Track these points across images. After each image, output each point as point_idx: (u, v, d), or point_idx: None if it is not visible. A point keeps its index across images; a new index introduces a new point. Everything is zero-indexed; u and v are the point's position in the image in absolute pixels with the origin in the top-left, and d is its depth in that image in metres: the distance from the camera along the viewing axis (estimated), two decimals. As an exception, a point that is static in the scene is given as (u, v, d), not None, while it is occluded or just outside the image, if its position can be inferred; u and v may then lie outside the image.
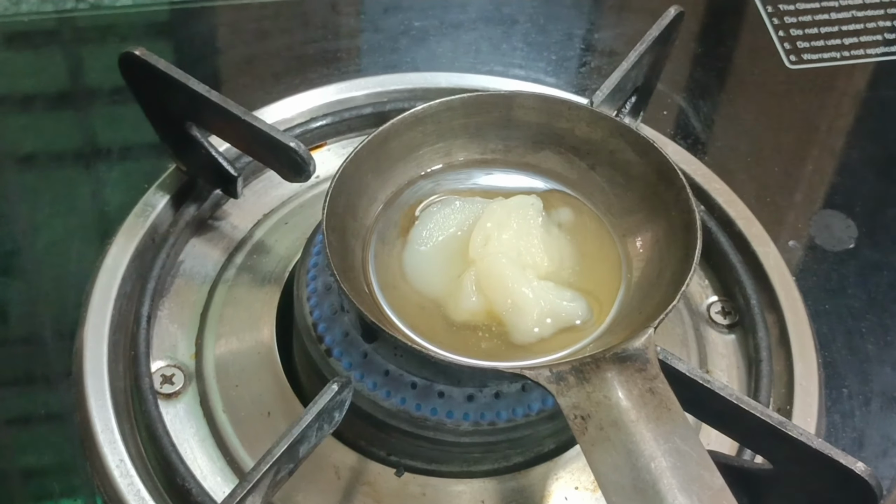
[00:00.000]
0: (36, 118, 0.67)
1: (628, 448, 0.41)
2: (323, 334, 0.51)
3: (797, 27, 0.73)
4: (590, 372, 0.44)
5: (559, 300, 0.49)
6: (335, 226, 0.49)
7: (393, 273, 0.50)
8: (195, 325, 0.57)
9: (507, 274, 0.49)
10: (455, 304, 0.49)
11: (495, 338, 0.49)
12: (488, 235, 0.50)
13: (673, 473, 0.41)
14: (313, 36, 0.70)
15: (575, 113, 0.54)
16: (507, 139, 0.54)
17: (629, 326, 0.48)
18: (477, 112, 0.54)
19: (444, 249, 0.50)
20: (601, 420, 0.42)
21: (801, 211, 0.64)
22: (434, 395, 0.49)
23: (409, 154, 0.53)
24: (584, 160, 0.54)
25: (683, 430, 0.42)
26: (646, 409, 0.43)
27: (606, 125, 0.53)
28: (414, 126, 0.53)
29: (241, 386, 0.54)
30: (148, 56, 0.55)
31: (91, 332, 0.55)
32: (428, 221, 0.51)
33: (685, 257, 0.48)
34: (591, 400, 0.43)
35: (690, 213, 0.50)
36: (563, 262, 0.51)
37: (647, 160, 0.52)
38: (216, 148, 0.58)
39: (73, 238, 0.60)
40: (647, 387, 0.43)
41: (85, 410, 0.52)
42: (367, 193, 0.52)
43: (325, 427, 0.48)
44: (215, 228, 0.60)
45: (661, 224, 0.51)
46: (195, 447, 0.53)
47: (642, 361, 0.44)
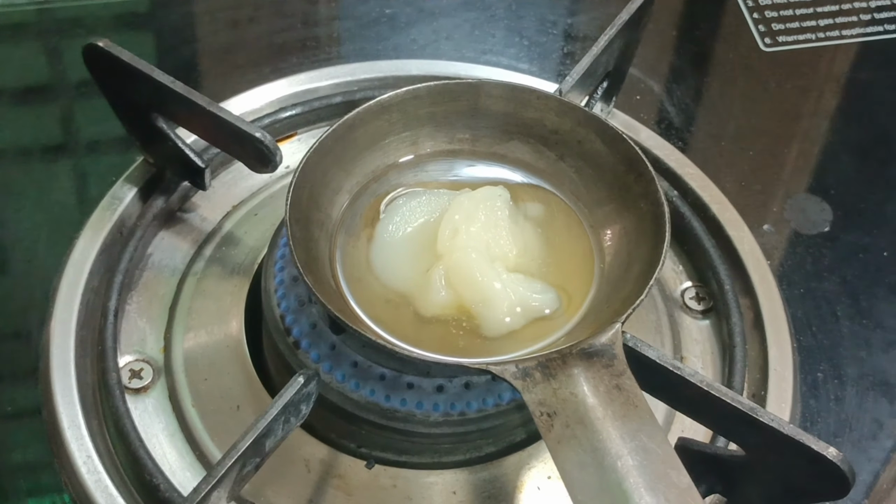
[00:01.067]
0: (3, 111, 0.66)
1: (594, 446, 0.41)
2: (291, 326, 0.50)
3: (772, 9, 0.72)
4: (556, 368, 0.43)
5: (529, 292, 0.49)
6: (299, 218, 0.48)
7: (360, 266, 0.50)
8: (164, 319, 0.56)
9: (476, 267, 0.48)
10: (424, 299, 0.48)
11: (466, 331, 0.48)
12: (456, 228, 0.49)
13: (639, 472, 0.40)
14: (288, 24, 0.69)
15: (543, 102, 0.53)
16: (474, 128, 0.54)
17: (598, 320, 0.48)
18: (444, 101, 0.53)
19: (411, 242, 0.50)
20: (567, 417, 0.42)
21: (777, 195, 0.64)
22: (403, 386, 0.49)
23: (374, 144, 0.52)
24: (552, 150, 0.53)
25: (650, 427, 0.42)
26: (612, 406, 0.42)
27: (575, 115, 0.53)
28: (379, 115, 0.52)
29: (209, 380, 0.54)
30: (111, 48, 0.54)
31: (58, 327, 0.54)
32: (394, 214, 0.51)
33: (654, 250, 0.48)
34: (557, 397, 0.42)
35: (659, 206, 0.49)
36: (533, 254, 0.51)
37: (616, 150, 0.52)
38: (183, 140, 0.57)
39: (41, 232, 0.59)
40: (613, 383, 0.43)
41: (52, 406, 0.52)
42: (332, 185, 0.51)
43: (291, 420, 0.48)
44: (184, 221, 0.60)
45: (631, 215, 0.51)
46: (164, 442, 0.52)
47: (609, 357, 0.44)
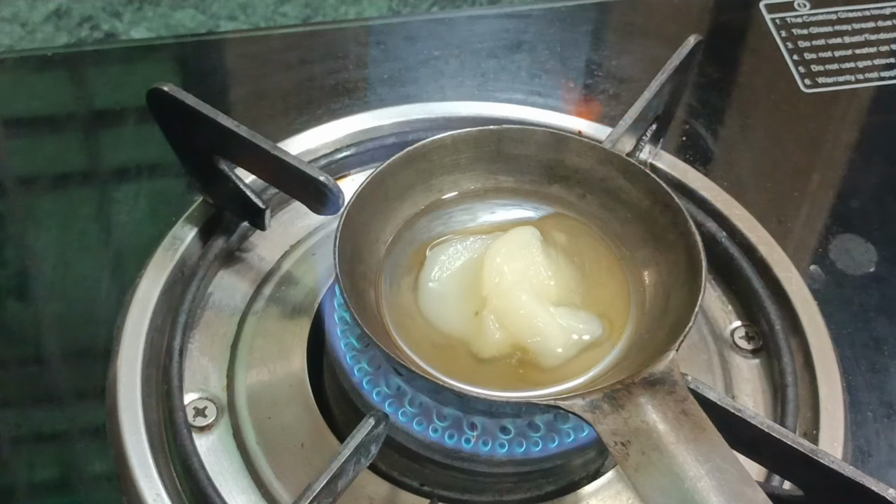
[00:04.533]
0: (57, 149, 0.67)
1: (672, 471, 0.43)
2: (354, 366, 0.51)
3: (811, 51, 0.74)
4: (623, 398, 0.45)
5: (576, 322, 0.50)
6: (347, 270, 0.49)
7: (407, 314, 0.51)
8: (226, 357, 0.57)
9: (526, 306, 0.50)
10: (479, 342, 0.50)
11: (521, 367, 0.50)
12: (498, 271, 0.51)
13: (718, 492, 0.42)
14: (339, 66, 0.70)
15: (563, 143, 0.55)
16: (496, 172, 0.55)
17: (646, 349, 0.49)
18: (467, 148, 0.55)
19: (455, 288, 0.51)
20: (642, 445, 0.43)
21: (821, 235, 0.65)
22: (467, 426, 0.50)
23: (403, 194, 0.54)
24: (575, 189, 0.55)
25: (721, 448, 0.44)
26: (682, 430, 0.44)
27: (595, 154, 0.54)
28: (408, 165, 0.54)
29: (273, 418, 0.54)
30: (176, 92, 0.56)
31: (124, 365, 0.55)
32: (435, 261, 0.52)
33: (693, 278, 0.49)
34: (628, 426, 0.44)
35: (690, 235, 0.50)
36: (571, 287, 0.52)
37: (640, 185, 0.53)
38: (243, 181, 0.58)
39: (103, 271, 0.60)
40: (679, 409, 0.45)
41: (120, 445, 0.53)
42: (371, 235, 0.53)
43: (362, 461, 0.49)
44: (243, 260, 0.61)
45: (663, 247, 0.52)
46: (229, 480, 0.53)
47: (671, 384, 0.45)
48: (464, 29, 0.75)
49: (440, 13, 0.92)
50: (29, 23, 0.92)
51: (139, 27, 0.92)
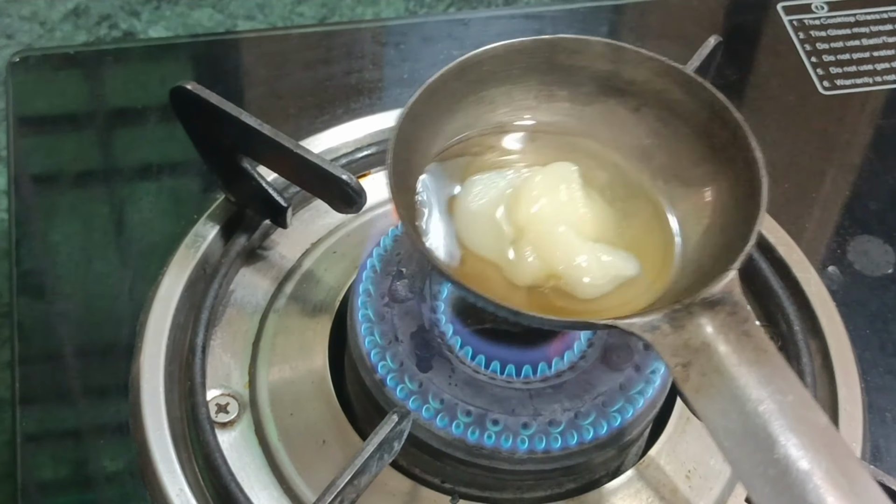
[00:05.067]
0: (78, 147, 0.68)
1: (734, 393, 0.42)
2: (378, 363, 0.52)
3: (829, 53, 0.74)
4: (683, 319, 0.44)
5: (613, 257, 0.49)
6: (401, 185, 0.48)
7: (445, 239, 0.50)
8: (247, 354, 0.58)
9: (562, 236, 0.49)
10: (516, 270, 0.49)
11: (560, 296, 0.49)
12: (535, 202, 0.50)
13: (780, 415, 0.41)
14: (360, 65, 0.71)
15: (618, 54, 0.53)
16: (549, 84, 0.53)
17: (705, 270, 0.47)
18: (520, 58, 0.53)
19: (492, 215, 0.50)
20: (703, 366, 0.42)
21: (839, 237, 0.65)
22: (489, 423, 0.50)
23: (455, 105, 0.52)
24: (629, 101, 0.53)
25: (783, 371, 0.43)
26: (744, 352, 0.43)
27: (652, 65, 0.52)
28: (459, 76, 0.51)
29: (295, 414, 0.55)
30: (199, 90, 0.56)
31: (147, 362, 0.55)
32: (472, 190, 0.51)
33: (752, 195, 0.48)
34: (689, 347, 0.43)
35: (749, 151, 0.49)
36: (607, 225, 0.51)
37: (698, 98, 0.51)
38: (265, 179, 0.59)
39: (126, 269, 0.60)
40: (741, 330, 0.43)
41: (143, 441, 0.53)
42: (421, 150, 0.51)
43: (385, 457, 0.49)
44: (264, 258, 0.61)
45: (721, 164, 0.50)
46: (251, 476, 0.54)
47: (732, 305, 0.44)
48: (481, 29, 0.75)
49: (457, 14, 0.92)
50: (48, 21, 0.92)
51: (157, 26, 0.93)
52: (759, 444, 0.41)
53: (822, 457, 0.40)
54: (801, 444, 0.40)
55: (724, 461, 0.42)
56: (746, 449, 0.41)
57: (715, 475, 0.55)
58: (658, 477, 0.54)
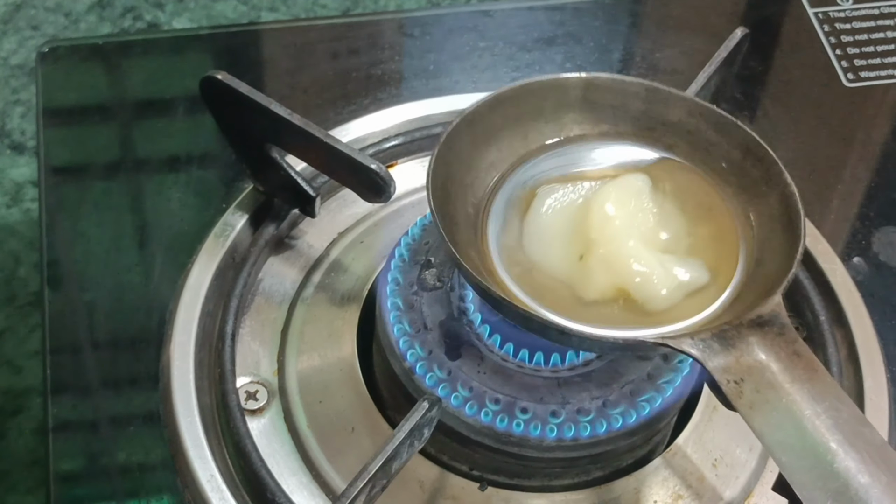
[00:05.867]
0: (105, 137, 0.68)
1: (789, 408, 0.43)
2: (407, 351, 0.52)
3: (854, 45, 0.74)
4: (732, 338, 0.45)
5: (683, 269, 0.50)
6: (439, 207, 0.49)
7: (512, 255, 0.51)
8: (276, 343, 0.58)
9: (633, 251, 0.50)
10: (585, 285, 0.49)
11: (625, 311, 0.49)
12: (606, 215, 0.50)
13: (836, 430, 0.42)
14: (386, 56, 0.71)
15: (651, 94, 0.54)
16: (581, 122, 0.55)
17: (749, 295, 0.49)
18: (554, 94, 0.54)
19: (561, 230, 0.51)
20: (756, 383, 0.44)
21: (864, 228, 0.65)
22: (518, 410, 0.51)
23: (490, 138, 0.53)
24: (661, 141, 0.54)
25: (835, 389, 0.44)
26: (796, 370, 0.44)
27: (684, 106, 0.54)
28: (493, 109, 0.53)
29: (324, 402, 0.55)
30: (229, 80, 0.56)
31: (177, 349, 0.56)
32: (541, 204, 0.52)
33: (790, 226, 0.49)
34: (740, 364, 0.44)
35: (786, 186, 0.50)
36: (679, 235, 0.52)
37: (730, 138, 0.53)
38: (294, 168, 0.59)
39: (156, 257, 0.61)
40: (790, 350, 0.45)
41: (174, 427, 0.54)
42: (458, 177, 0.52)
43: (415, 443, 0.50)
44: (292, 247, 0.62)
45: (755, 200, 0.52)
46: (280, 462, 0.54)
47: (779, 326, 0.45)
48: (504, 21, 0.75)
49: (480, 5, 0.92)
50: (72, 13, 0.93)
51: (181, 17, 0.93)
52: (819, 458, 0.42)
53: (882, 471, 0.41)
54: (860, 458, 0.41)
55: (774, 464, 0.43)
56: (805, 463, 0.42)
57: (741, 464, 0.55)
58: (685, 465, 0.54)
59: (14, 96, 0.88)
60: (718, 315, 0.48)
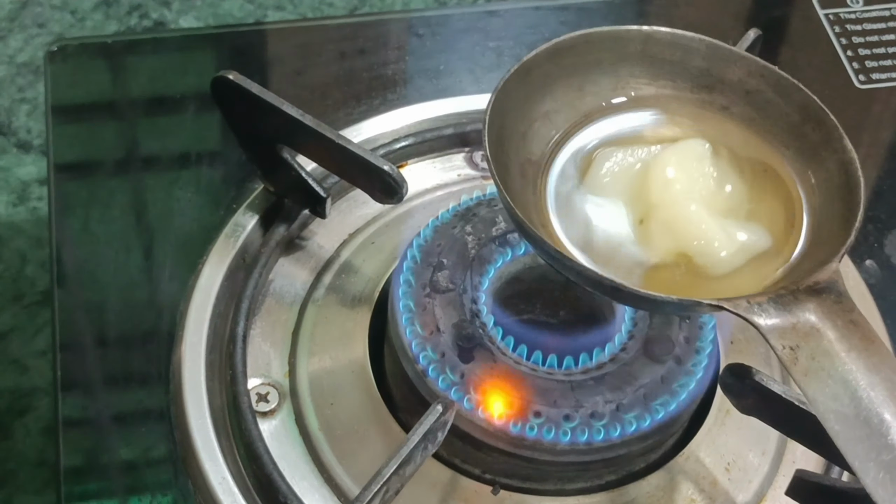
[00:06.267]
0: (114, 136, 0.68)
1: (844, 378, 0.42)
2: (419, 353, 0.52)
3: (865, 47, 0.74)
4: (789, 303, 0.44)
5: (745, 232, 0.49)
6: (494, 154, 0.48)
7: (572, 215, 0.50)
8: (287, 344, 0.58)
9: (695, 215, 0.49)
10: (646, 248, 0.49)
11: (688, 274, 0.49)
12: (667, 180, 0.50)
13: (892, 402, 0.41)
14: (396, 56, 0.71)
15: (711, 51, 0.53)
16: (639, 77, 0.54)
17: (806, 262, 0.48)
18: (613, 47, 0.53)
19: (622, 193, 0.51)
20: (812, 350, 0.43)
21: (876, 230, 0.65)
22: (531, 414, 0.50)
23: (545, 88, 0.52)
24: (717, 100, 0.53)
25: (891, 361, 0.43)
26: (853, 339, 0.43)
27: (745, 64, 0.52)
28: (550, 59, 0.52)
29: (335, 404, 0.55)
30: (241, 80, 0.56)
31: (188, 351, 0.56)
32: (601, 167, 0.51)
33: (849, 194, 0.48)
34: (797, 330, 0.43)
35: (846, 152, 0.49)
36: (740, 200, 0.51)
37: (790, 100, 0.52)
38: (305, 169, 0.59)
39: (166, 258, 0.61)
40: (848, 318, 0.44)
41: (186, 429, 0.53)
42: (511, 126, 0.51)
43: (429, 447, 0.49)
44: (302, 248, 0.61)
45: (813, 165, 0.51)
46: (291, 465, 0.54)
47: (837, 294, 0.44)
48: (511, 21, 0.75)
49: (487, 5, 0.92)
50: (79, 10, 0.93)
51: (187, 16, 0.93)
52: (873, 429, 0.41)
53: None
54: None
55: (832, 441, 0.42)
56: (859, 433, 0.41)
57: (754, 468, 0.55)
58: (698, 469, 0.54)
59: (20, 94, 0.88)
60: (777, 280, 0.47)
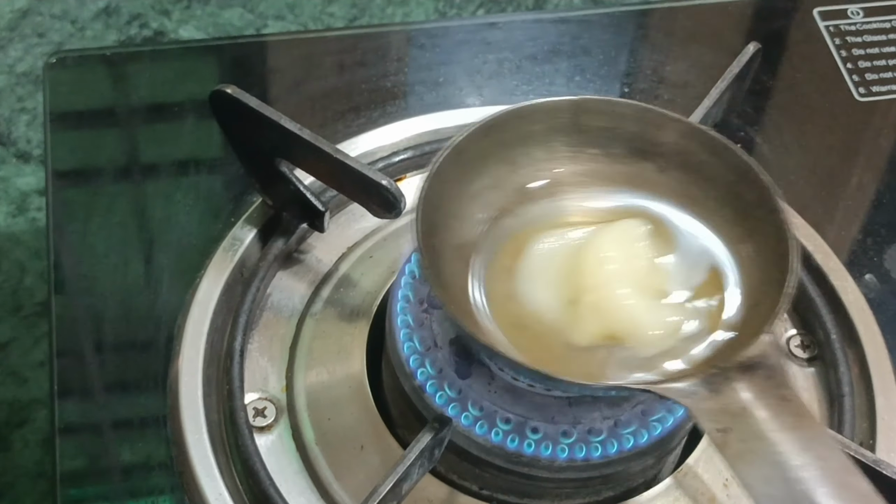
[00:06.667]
0: (112, 148, 0.68)
1: (775, 459, 0.42)
2: (417, 369, 0.52)
3: (865, 59, 0.74)
4: (719, 383, 0.44)
5: (674, 315, 0.49)
6: (427, 244, 0.48)
7: (502, 296, 0.50)
8: (285, 358, 0.58)
9: (622, 298, 0.49)
10: (576, 330, 0.49)
11: (615, 356, 0.48)
12: (598, 261, 0.50)
13: (823, 482, 0.41)
14: (395, 68, 0.70)
15: (643, 115, 0.53)
16: (573, 145, 0.53)
17: (740, 332, 0.48)
18: (544, 119, 0.53)
19: (552, 274, 0.50)
20: (742, 432, 0.42)
21: (875, 244, 0.65)
22: (528, 430, 0.50)
23: (480, 165, 0.52)
24: (653, 163, 0.53)
25: (823, 437, 0.43)
26: (783, 417, 0.43)
27: (677, 127, 0.52)
28: (483, 137, 0.52)
29: (332, 419, 0.55)
30: (239, 94, 0.56)
31: (185, 365, 0.55)
32: (534, 249, 0.51)
33: (783, 257, 0.48)
34: (727, 412, 0.43)
35: (778, 213, 0.49)
36: (671, 280, 0.51)
37: (724, 161, 0.51)
38: (303, 183, 0.59)
39: (163, 272, 0.61)
40: (778, 394, 0.43)
41: (182, 445, 0.53)
42: (447, 209, 0.51)
43: (426, 464, 0.49)
44: (301, 262, 0.61)
45: (749, 227, 0.50)
46: (288, 480, 0.54)
47: (768, 369, 0.44)
48: (511, 34, 0.75)
49: (488, 17, 0.92)
50: (79, 20, 0.93)
51: (187, 25, 0.93)
52: None
53: None
54: None
55: None
56: None
57: (752, 484, 0.55)
58: (696, 485, 0.54)
59: (20, 104, 0.88)
60: (711, 357, 0.47)
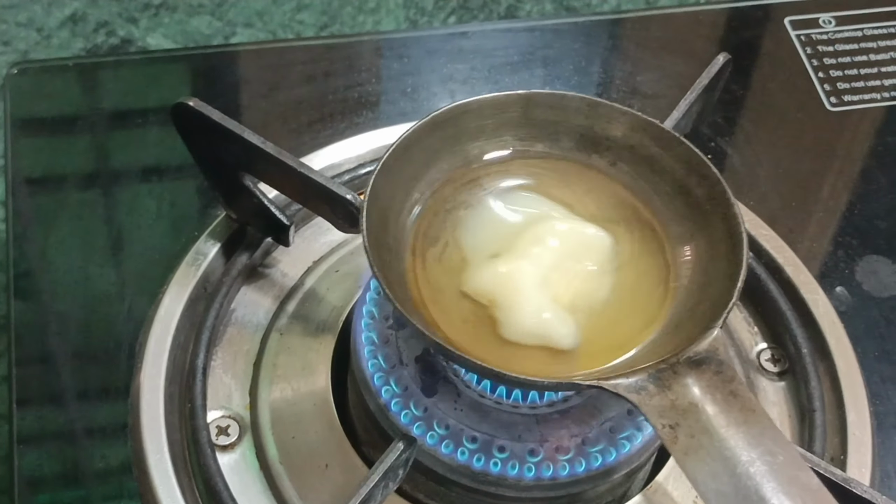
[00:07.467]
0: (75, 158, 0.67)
1: (723, 455, 0.41)
2: (381, 387, 0.51)
3: (836, 69, 0.73)
4: (668, 378, 0.43)
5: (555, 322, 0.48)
6: (374, 242, 0.47)
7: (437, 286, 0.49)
8: (248, 375, 0.57)
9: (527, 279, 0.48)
10: (470, 277, 0.48)
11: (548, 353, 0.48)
12: (538, 240, 0.49)
13: (771, 477, 0.41)
14: (363, 79, 0.70)
15: (592, 109, 0.52)
16: (523, 139, 0.53)
17: (688, 327, 0.47)
18: (493, 113, 0.53)
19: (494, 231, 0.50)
20: (691, 428, 0.42)
21: (847, 257, 0.64)
22: (495, 449, 0.50)
23: (430, 160, 0.52)
24: (604, 156, 0.53)
25: (772, 431, 0.42)
26: (732, 412, 0.42)
27: (627, 120, 0.52)
28: (433, 131, 0.51)
29: (297, 437, 0.54)
30: (201, 107, 0.55)
31: (147, 382, 0.55)
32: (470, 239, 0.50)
33: (733, 251, 0.47)
34: (676, 408, 0.43)
35: (728, 206, 0.48)
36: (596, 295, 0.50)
37: (673, 154, 0.51)
38: (267, 196, 0.58)
39: (125, 287, 0.60)
40: (727, 389, 0.43)
41: (143, 464, 0.52)
42: (398, 204, 0.51)
43: (390, 485, 0.48)
44: (266, 276, 0.60)
45: (700, 220, 0.50)
46: (252, 500, 0.53)
47: (717, 364, 0.44)
48: (481, 42, 0.74)
49: (458, 26, 0.91)
50: (45, 28, 0.91)
51: (155, 33, 0.92)
52: None
53: None
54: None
55: None
56: None
57: (723, 501, 0.54)
58: (665, 503, 0.53)
59: (-16, 114, 0.86)
60: (658, 349, 0.46)
